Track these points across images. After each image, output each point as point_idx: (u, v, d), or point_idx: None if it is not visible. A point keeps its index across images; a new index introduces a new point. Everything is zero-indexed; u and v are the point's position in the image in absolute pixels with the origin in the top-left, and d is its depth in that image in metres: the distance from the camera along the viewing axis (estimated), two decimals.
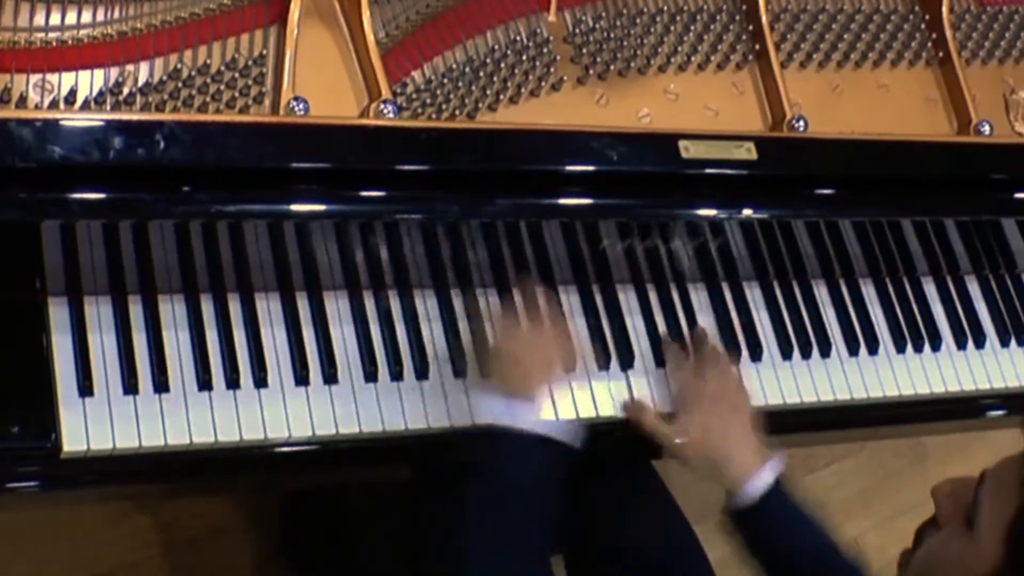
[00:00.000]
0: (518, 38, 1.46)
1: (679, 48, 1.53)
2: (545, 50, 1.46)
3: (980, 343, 1.71)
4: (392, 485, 1.65)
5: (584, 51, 1.48)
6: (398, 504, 1.60)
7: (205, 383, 1.34)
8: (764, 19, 1.55)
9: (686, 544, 1.56)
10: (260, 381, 1.36)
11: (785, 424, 1.59)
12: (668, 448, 1.44)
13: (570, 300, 1.53)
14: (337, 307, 1.43)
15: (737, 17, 1.58)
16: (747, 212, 1.48)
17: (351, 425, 1.38)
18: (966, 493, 0.96)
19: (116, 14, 1.28)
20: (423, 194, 1.33)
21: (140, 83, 1.27)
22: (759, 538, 1.39)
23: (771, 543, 1.38)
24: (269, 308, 1.41)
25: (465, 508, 1.26)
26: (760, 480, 1.38)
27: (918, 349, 1.68)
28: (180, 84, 1.28)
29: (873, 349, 1.64)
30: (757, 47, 1.55)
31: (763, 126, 1.53)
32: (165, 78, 1.28)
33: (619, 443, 1.49)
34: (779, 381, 1.58)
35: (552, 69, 1.45)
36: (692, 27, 1.55)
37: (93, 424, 1.28)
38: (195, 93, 1.29)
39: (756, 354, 1.58)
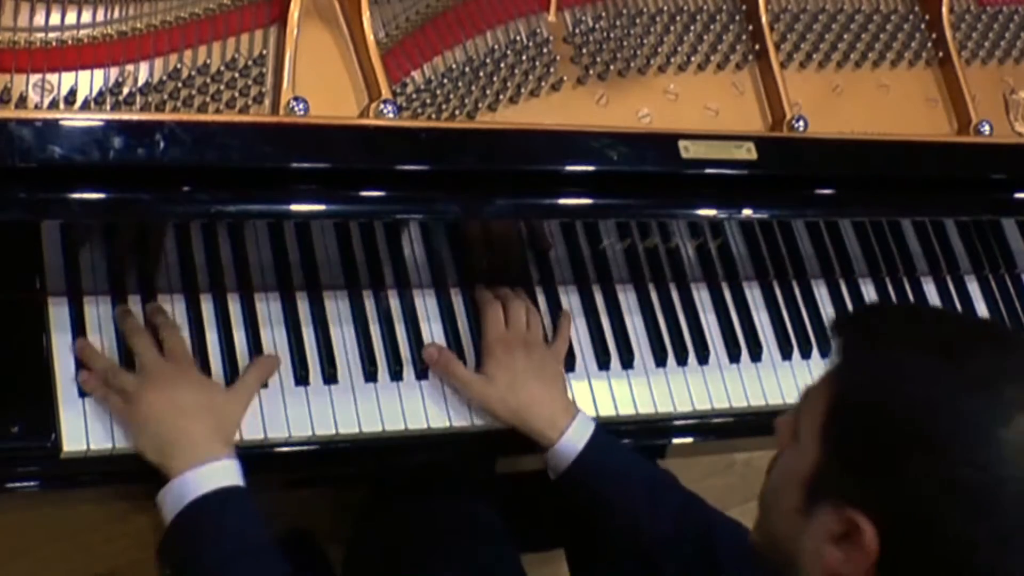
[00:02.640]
0: (518, 38, 1.46)
1: (679, 48, 1.53)
2: (545, 50, 1.46)
3: None
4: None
5: (584, 51, 1.48)
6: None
7: None
8: (764, 19, 1.55)
9: None
10: None
11: None
12: (476, 399, 1.41)
13: (570, 300, 1.54)
14: (337, 307, 1.43)
15: (737, 17, 1.58)
16: (747, 212, 1.47)
17: (351, 425, 1.38)
18: (793, 415, 1.04)
19: (116, 14, 1.28)
20: (423, 194, 1.33)
21: (140, 83, 1.27)
22: (593, 492, 1.38)
23: (605, 493, 1.38)
24: (269, 308, 1.41)
25: None
26: (574, 433, 1.38)
27: None
28: (180, 84, 1.28)
29: None
30: (757, 47, 1.55)
31: (763, 126, 1.53)
32: (165, 78, 1.28)
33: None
34: (779, 381, 1.58)
35: (552, 69, 1.45)
36: (692, 27, 1.55)
37: (93, 424, 1.28)
38: (195, 93, 1.29)
39: (756, 354, 1.58)
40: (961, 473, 0.89)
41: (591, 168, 1.38)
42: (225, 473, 1.22)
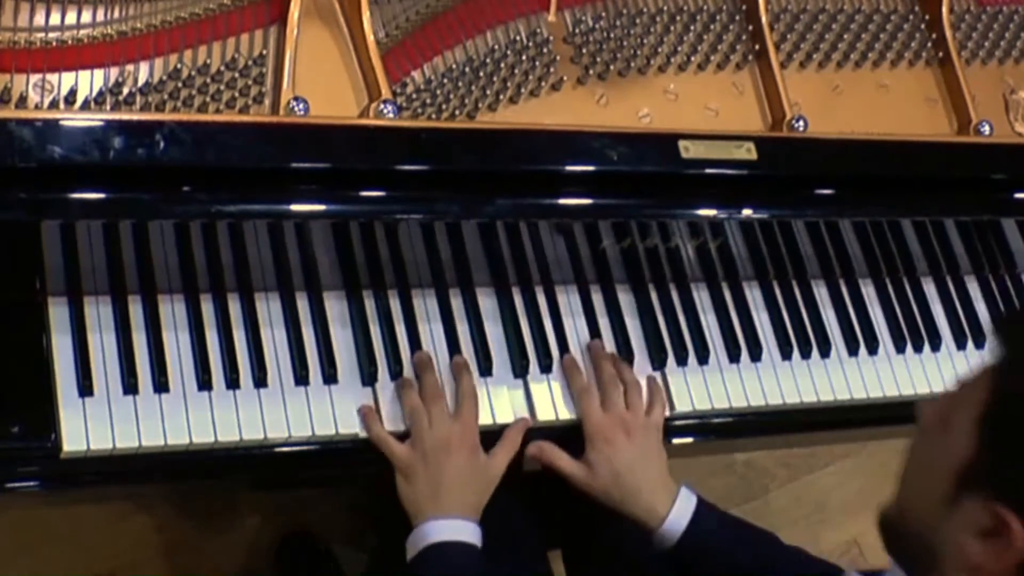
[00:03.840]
0: (518, 38, 1.46)
1: (679, 48, 1.53)
2: (545, 50, 1.46)
3: (980, 343, 1.71)
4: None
5: (584, 51, 1.48)
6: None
7: (205, 383, 1.34)
8: (764, 19, 1.55)
9: None
10: (260, 381, 1.37)
11: (785, 424, 1.60)
12: (579, 488, 1.41)
13: (570, 300, 1.54)
14: (337, 307, 1.43)
15: (737, 17, 1.58)
16: (747, 212, 1.47)
17: (351, 425, 1.38)
18: (943, 400, 1.03)
19: (116, 14, 1.28)
20: (423, 194, 1.33)
21: (140, 83, 1.27)
22: (701, 564, 1.38)
23: (713, 564, 1.37)
24: (269, 308, 1.41)
25: None
26: (676, 515, 1.37)
27: (918, 349, 1.68)
28: (180, 84, 1.28)
29: (873, 349, 1.65)
30: (757, 47, 1.55)
31: (763, 126, 1.53)
32: (165, 78, 1.28)
33: None
34: (779, 381, 1.58)
35: (552, 69, 1.45)
36: (692, 27, 1.55)
37: (93, 424, 1.28)
38: (195, 93, 1.29)
39: (756, 354, 1.58)
40: None
41: (591, 168, 1.38)
42: (472, 533, 1.33)
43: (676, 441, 1.54)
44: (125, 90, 1.26)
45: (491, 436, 1.42)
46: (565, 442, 1.43)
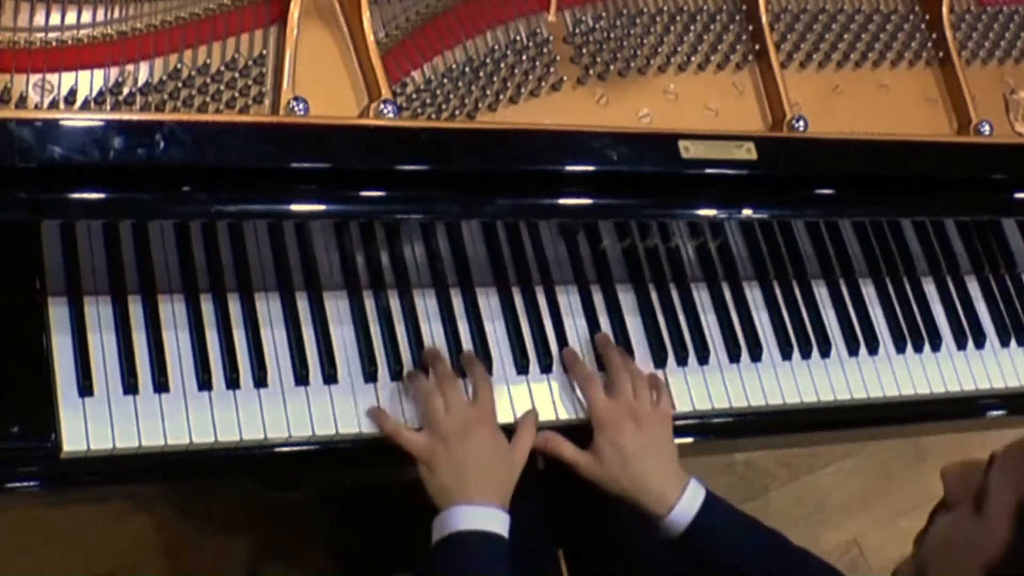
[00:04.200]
0: (518, 38, 1.46)
1: (679, 48, 1.53)
2: (545, 50, 1.46)
3: (980, 343, 1.72)
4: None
5: (584, 51, 1.48)
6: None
7: (205, 383, 1.34)
8: (764, 19, 1.55)
9: None
10: (260, 381, 1.37)
11: (785, 424, 1.60)
12: (585, 476, 1.40)
13: (570, 300, 1.54)
14: (337, 307, 1.43)
15: (737, 17, 1.58)
16: (747, 212, 1.47)
17: (351, 425, 1.38)
18: (975, 475, 0.96)
19: (116, 14, 1.28)
20: (423, 194, 1.33)
21: (140, 83, 1.27)
22: (705, 557, 1.37)
23: (718, 559, 1.37)
24: (269, 308, 1.41)
25: None
26: (684, 505, 1.36)
27: (918, 349, 1.68)
28: (180, 84, 1.28)
29: (873, 349, 1.65)
30: (757, 47, 1.55)
31: (763, 126, 1.53)
32: (165, 78, 1.28)
33: None
34: (779, 381, 1.58)
35: (552, 69, 1.45)
36: (692, 27, 1.55)
37: (93, 424, 1.28)
38: (195, 93, 1.29)
39: (756, 354, 1.58)
40: None
41: (591, 168, 1.38)
42: (499, 522, 1.30)
43: (676, 441, 1.54)
44: (125, 90, 1.26)
45: None
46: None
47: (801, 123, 1.50)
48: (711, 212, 1.47)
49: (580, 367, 1.46)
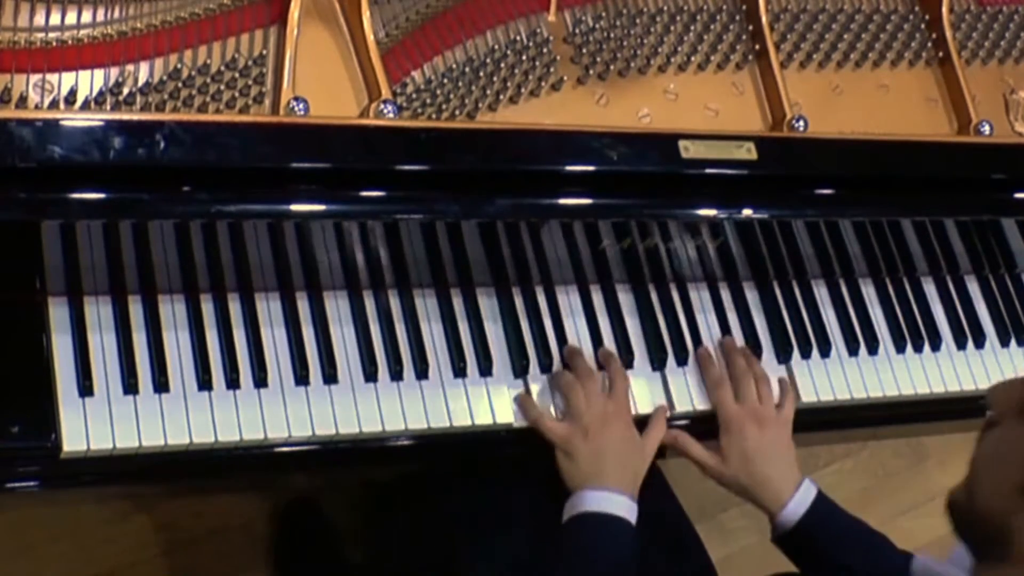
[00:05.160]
0: (518, 38, 1.46)
1: (679, 48, 1.53)
2: (545, 50, 1.46)
3: (980, 343, 1.72)
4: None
5: (584, 51, 1.48)
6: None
7: (205, 383, 1.34)
8: (764, 19, 1.55)
9: (687, 543, 1.56)
10: (260, 381, 1.37)
11: None
12: (710, 475, 1.48)
13: (570, 300, 1.54)
14: (337, 307, 1.43)
15: (737, 17, 1.58)
16: (747, 212, 1.48)
17: (351, 425, 1.38)
18: (1019, 388, 1.01)
19: (116, 14, 1.28)
20: (423, 194, 1.33)
21: (140, 83, 1.27)
22: (810, 555, 1.44)
23: (823, 554, 1.43)
24: (269, 308, 1.41)
25: None
26: (796, 502, 1.44)
27: (918, 349, 1.68)
28: (180, 84, 1.28)
29: (873, 349, 1.65)
30: (757, 47, 1.55)
31: (763, 126, 1.53)
32: (165, 78, 1.28)
33: None
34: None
35: (552, 69, 1.45)
36: (692, 27, 1.55)
37: (93, 424, 1.28)
38: (195, 93, 1.29)
39: (756, 354, 1.58)
40: None
41: (591, 168, 1.38)
42: (628, 509, 1.37)
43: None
44: (125, 90, 1.26)
45: (489, 436, 1.43)
46: None
47: (801, 123, 1.51)
48: (711, 212, 1.47)
49: (713, 369, 1.52)
